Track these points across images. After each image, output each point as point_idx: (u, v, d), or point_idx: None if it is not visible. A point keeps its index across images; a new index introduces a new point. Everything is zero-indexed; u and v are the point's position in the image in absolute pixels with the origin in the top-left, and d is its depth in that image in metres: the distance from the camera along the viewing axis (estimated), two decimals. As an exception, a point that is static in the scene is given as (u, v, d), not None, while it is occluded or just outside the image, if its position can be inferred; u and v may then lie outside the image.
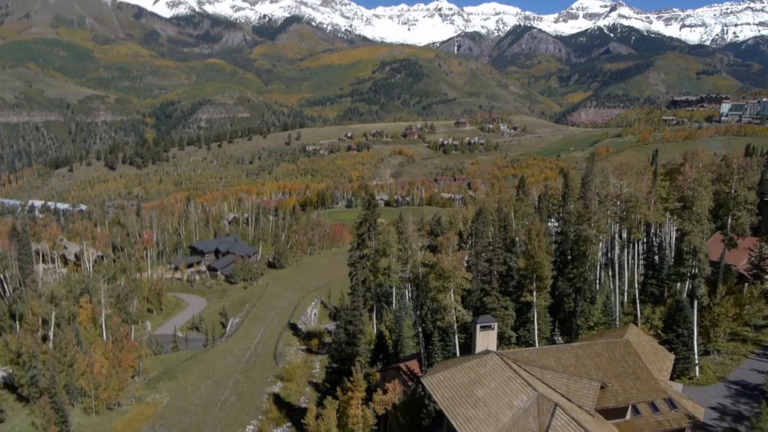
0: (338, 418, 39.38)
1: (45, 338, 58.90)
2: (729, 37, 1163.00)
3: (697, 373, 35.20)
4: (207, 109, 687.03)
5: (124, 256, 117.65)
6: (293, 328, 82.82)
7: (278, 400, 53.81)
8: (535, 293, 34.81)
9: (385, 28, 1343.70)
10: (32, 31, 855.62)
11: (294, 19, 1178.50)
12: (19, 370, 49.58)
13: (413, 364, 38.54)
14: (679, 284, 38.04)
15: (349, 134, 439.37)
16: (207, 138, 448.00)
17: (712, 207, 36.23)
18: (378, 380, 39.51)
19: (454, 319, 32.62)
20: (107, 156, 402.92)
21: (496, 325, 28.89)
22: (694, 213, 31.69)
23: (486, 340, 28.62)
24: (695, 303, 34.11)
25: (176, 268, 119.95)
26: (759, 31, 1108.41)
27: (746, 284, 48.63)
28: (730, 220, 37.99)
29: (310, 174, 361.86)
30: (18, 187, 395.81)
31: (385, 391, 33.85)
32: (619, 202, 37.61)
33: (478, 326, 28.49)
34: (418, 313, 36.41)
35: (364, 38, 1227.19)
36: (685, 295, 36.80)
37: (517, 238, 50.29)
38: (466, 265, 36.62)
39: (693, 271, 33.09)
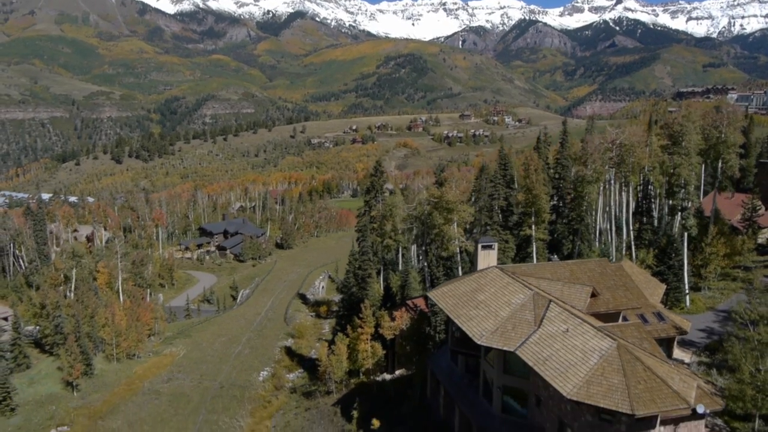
0: (348, 354, 41.67)
1: (65, 297, 61.50)
2: (736, 29, 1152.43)
3: (688, 303, 37.13)
4: (212, 105, 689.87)
5: (135, 237, 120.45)
6: (302, 297, 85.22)
7: (290, 352, 56.18)
8: (533, 227, 36.80)
9: (389, 23, 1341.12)
10: (37, 28, 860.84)
11: (298, 15, 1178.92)
12: (43, 321, 52.13)
13: (419, 301, 40.73)
14: (671, 220, 39.84)
15: (354, 127, 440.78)
16: (212, 132, 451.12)
17: (704, 147, 38.00)
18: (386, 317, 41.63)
19: (458, 249, 34.65)
20: (114, 150, 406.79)
21: (496, 245, 30.97)
22: (683, 147, 33.52)
23: (487, 259, 30.67)
24: (685, 235, 36.00)
25: (186, 248, 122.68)
26: (766, 23, 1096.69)
27: (740, 236, 50.54)
28: (720, 164, 39.77)
29: (315, 166, 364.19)
30: (26, 180, 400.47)
31: (393, 319, 36.01)
32: (614, 147, 39.48)
33: (479, 246, 30.56)
34: (423, 248, 38.52)
35: (368, 33, 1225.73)
36: (675, 229, 38.69)
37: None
38: (468, 200, 38.52)
39: (683, 204, 34.94)
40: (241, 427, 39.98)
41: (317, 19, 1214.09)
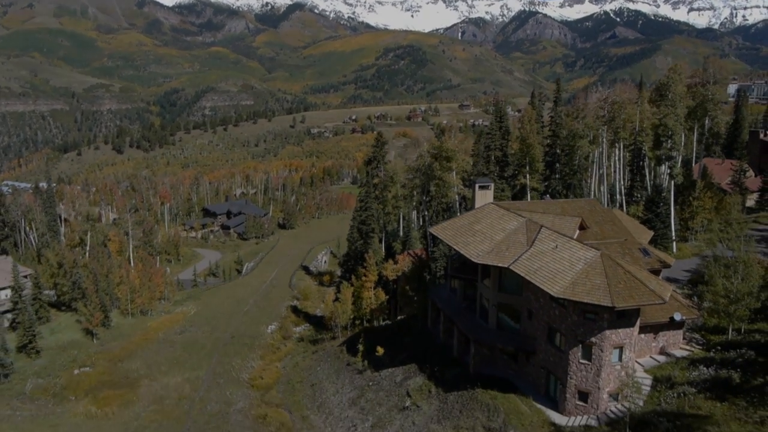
0: (353, 301, 44.01)
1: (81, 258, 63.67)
2: (738, 20, 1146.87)
3: (675, 250, 39.35)
4: (211, 97, 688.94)
5: (141, 216, 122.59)
6: (305, 269, 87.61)
7: (296, 310, 58.57)
8: (528, 176, 38.95)
9: (388, 14, 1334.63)
10: (36, 21, 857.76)
11: (296, 7, 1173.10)
12: (61, 279, 54.42)
13: (419, 251, 42.99)
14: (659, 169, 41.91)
15: (354, 117, 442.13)
16: (212, 122, 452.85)
17: (691, 105, 39.95)
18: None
19: (456, 197, 36.81)
20: (115, 140, 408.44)
21: (492, 185, 33.13)
22: (669, 99, 35.56)
23: (484, 198, 32.85)
24: (672, 183, 38.14)
25: (191, 228, 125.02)
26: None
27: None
28: (707, 121, 41.79)
29: (315, 155, 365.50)
30: (27, 171, 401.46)
31: (395, 262, 38.23)
32: (606, 104, 41.51)
33: (477, 186, 32.73)
34: (425, 198, 40.72)
35: (367, 25, 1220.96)
36: (665, 180, 40.81)
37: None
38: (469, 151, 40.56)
39: (669, 154, 37.04)
40: (253, 368, 42.46)
41: (316, 11, 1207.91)
